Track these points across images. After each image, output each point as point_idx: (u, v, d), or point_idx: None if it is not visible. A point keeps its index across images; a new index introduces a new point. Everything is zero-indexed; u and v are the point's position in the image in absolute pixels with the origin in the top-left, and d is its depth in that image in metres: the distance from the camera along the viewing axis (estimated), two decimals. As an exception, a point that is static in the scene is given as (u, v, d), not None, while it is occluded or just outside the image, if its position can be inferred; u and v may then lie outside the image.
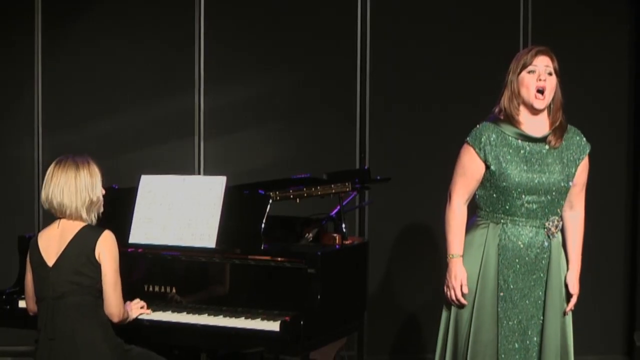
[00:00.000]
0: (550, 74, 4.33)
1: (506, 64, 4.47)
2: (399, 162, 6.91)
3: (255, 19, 7.01)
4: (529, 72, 4.33)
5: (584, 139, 4.47)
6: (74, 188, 4.25)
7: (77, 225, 4.27)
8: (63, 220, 4.30)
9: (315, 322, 4.41)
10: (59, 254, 4.24)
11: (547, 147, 4.37)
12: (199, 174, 6.90)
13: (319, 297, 4.44)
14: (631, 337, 7.09)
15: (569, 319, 4.49)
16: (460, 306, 4.42)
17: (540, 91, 4.31)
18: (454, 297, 4.41)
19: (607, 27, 7.13)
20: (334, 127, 7.03)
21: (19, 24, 6.93)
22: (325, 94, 7.04)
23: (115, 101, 6.97)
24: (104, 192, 4.38)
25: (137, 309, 4.59)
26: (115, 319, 4.34)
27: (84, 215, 4.28)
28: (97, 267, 4.23)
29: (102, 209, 4.39)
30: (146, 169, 5.14)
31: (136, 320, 4.56)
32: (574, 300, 4.48)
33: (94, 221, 4.34)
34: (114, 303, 4.29)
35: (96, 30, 6.97)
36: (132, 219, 4.86)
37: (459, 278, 4.39)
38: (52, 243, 4.27)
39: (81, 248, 4.22)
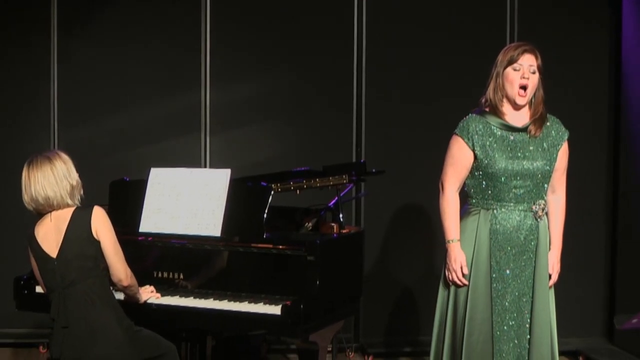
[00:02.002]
0: (533, 72, 4.38)
1: (493, 63, 4.48)
2: (393, 156, 6.91)
3: (257, 22, 7.00)
4: (514, 69, 4.37)
5: (562, 126, 4.52)
6: (53, 179, 4.23)
7: (68, 212, 4.25)
8: (54, 212, 4.28)
9: (314, 306, 4.41)
10: (59, 244, 4.22)
11: (528, 136, 4.39)
12: (205, 167, 6.90)
13: (317, 282, 4.45)
14: (611, 320, 7.10)
15: (552, 296, 4.52)
16: (462, 286, 4.44)
17: (523, 87, 4.35)
18: (455, 279, 4.43)
19: (588, 27, 7.14)
20: (332, 123, 7.03)
21: (36, 26, 6.92)
22: (323, 92, 7.04)
23: (126, 98, 6.96)
24: (77, 175, 4.33)
25: (147, 293, 4.61)
26: (125, 283, 4.36)
27: (69, 201, 4.27)
28: (96, 244, 4.22)
29: (82, 192, 4.36)
30: (155, 162, 5.14)
31: (146, 304, 4.57)
32: (554, 277, 4.52)
33: (79, 204, 4.32)
34: (120, 269, 4.31)
35: (108, 32, 6.97)
36: (142, 209, 4.86)
37: (459, 261, 4.42)
38: (49, 235, 4.25)
39: (79, 231, 4.21)
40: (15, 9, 6.92)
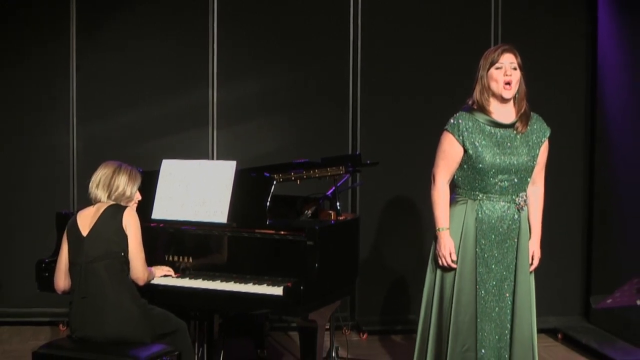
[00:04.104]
0: (515, 68, 4.38)
1: (479, 62, 4.47)
2: (386, 148, 6.90)
3: (261, 24, 6.99)
4: (497, 68, 4.36)
5: (545, 124, 4.51)
6: (107, 184, 4.36)
7: (106, 204, 4.35)
8: (97, 204, 4.38)
9: (313, 288, 4.40)
10: (91, 226, 4.29)
11: (514, 132, 4.38)
12: (213, 159, 6.89)
13: (316, 265, 4.44)
14: (587, 300, 7.10)
15: (532, 280, 4.51)
16: (450, 271, 4.43)
17: (508, 83, 4.34)
18: (445, 264, 4.42)
19: (566, 28, 7.14)
20: (330, 117, 7.03)
21: (56, 28, 6.91)
22: (321, 89, 7.03)
23: (140, 95, 6.96)
24: (140, 198, 4.47)
25: (162, 271, 4.65)
26: (141, 283, 4.42)
27: (108, 201, 4.37)
28: (124, 236, 4.29)
29: (132, 205, 4.45)
30: (167, 155, 5.13)
31: (158, 286, 4.57)
32: (536, 262, 4.52)
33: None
34: (139, 270, 4.38)
35: (123, 32, 6.96)
36: (154, 198, 4.85)
37: (448, 247, 4.40)
38: (86, 219, 4.34)
39: (110, 219, 4.29)
40: (36, 10, 6.92)
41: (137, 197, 4.48)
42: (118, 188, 4.36)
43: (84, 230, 4.30)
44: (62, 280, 4.42)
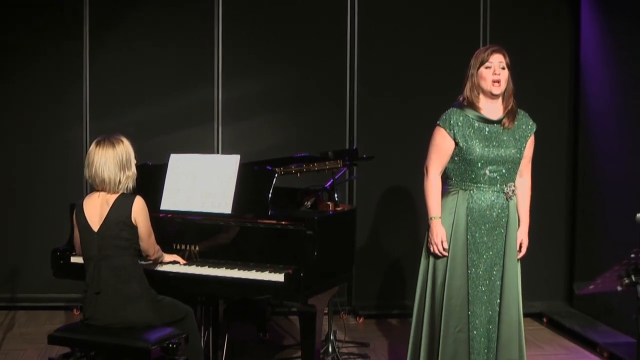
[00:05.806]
0: (503, 68, 4.39)
1: (469, 62, 4.47)
2: (381, 143, 6.91)
3: (263, 26, 6.99)
4: (486, 67, 4.36)
5: (531, 120, 4.52)
6: (112, 166, 4.22)
7: (114, 196, 4.25)
8: (102, 193, 4.28)
9: (312, 274, 4.40)
10: (101, 221, 4.22)
11: (502, 127, 4.39)
12: (218, 153, 6.89)
13: (315, 253, 4.44)
14: (571, 286, 7.12)
15: (519, 266, 4.52)
16: (442, 257, 4.44)
17: (497, 81, 4.34)
18: (436, 251, 4.42)
19: (550, 28, 7.15)
20: (328, 114, 7.03)
21: (71, 30, 6.92)
22: (320, 87, 7.03)
23: (149, 93, 6.96)
24: (136, 161, 4.37)
25: (170, 257, 4.63)
26: (151, 257, 4.44)
27: (117, 188, 4.26)
28: (133, 228, 4.23)
29: (136, 175, 4.35)
30: (174, 149, 5.13)
31: (168, 273, 4.57)
32: (524, 250, 4.54)
33: (130, 189, 4.31)
34: (150, 250, 4.37)
35: (133, 33, 6.96)
36: (163, 190, 4.84)
37: (440, 235, 4.41)
38: (95, 211, 4.25)
39: (119, 215, 4.21)
40: (51, 12, 6.91)
41: (134, 167, 4.34)
42: (122, 174, 4.25)
43: (94, 225, 4.23)
44: (79, 249, 4.40)
